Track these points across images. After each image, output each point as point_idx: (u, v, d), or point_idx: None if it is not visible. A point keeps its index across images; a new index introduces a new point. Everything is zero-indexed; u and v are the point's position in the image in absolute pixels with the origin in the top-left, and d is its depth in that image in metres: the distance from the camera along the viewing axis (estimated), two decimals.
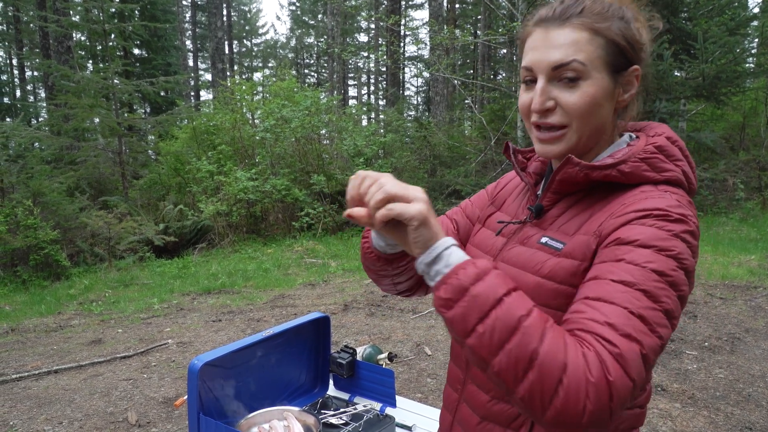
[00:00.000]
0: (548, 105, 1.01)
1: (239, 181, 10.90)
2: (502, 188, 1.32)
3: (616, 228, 0.93)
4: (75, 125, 14.04)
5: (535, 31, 1.04)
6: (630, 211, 0.93)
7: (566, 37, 0.99)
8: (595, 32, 0.99)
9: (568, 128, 1.02)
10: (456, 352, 1.25)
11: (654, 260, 0.87)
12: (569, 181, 1.04)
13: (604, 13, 1.00)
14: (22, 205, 9.02)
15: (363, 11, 28.98)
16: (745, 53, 11.04)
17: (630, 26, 1.02)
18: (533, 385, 0.78)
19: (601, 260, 0.92)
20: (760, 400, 3.79)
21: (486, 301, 0.81)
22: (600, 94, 1.00)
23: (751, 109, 13.16)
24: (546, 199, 1.10)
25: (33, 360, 5.12)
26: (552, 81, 1.01)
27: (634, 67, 1.04)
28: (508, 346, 0.79)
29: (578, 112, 1.00)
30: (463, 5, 30.29)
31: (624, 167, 0.99)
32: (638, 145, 1.04)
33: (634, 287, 0.85)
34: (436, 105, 17.16)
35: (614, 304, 0.84)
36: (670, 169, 1.01)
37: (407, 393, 4.01)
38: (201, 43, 39.34)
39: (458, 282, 0.83)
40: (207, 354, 1.58)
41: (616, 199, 0.99)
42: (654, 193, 0.96)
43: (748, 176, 11.57)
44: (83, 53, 21.46)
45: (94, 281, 8.70)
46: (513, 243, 1.13)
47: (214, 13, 21.76)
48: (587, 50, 0.99)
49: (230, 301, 6.90)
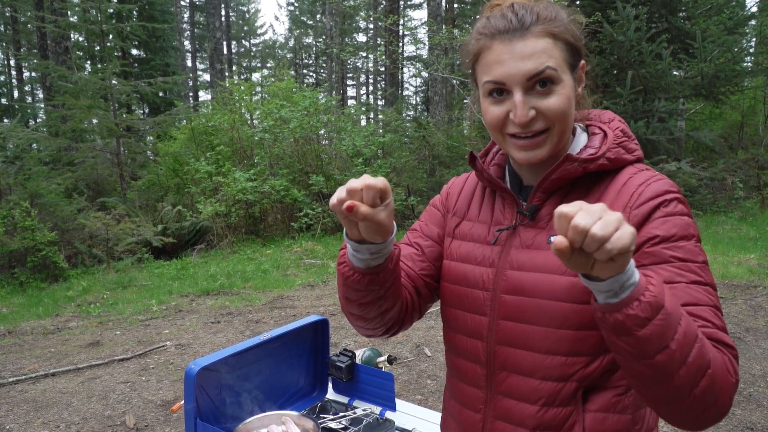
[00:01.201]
0: (531, 115, 1.03)
1: (238, 182, 10.88)
2: (457, 197, 1.30)
3: (644, 221, 1.01)
4: (73, 126, 14.02)
5: (493, 44, 1.04)
6: (645, 201, 1.02)
7: (533, 46, 1.01)
8: (555, 37, 1.03)
9: (550, 131, 1.05)
10: (467, 371, 1.20)
11: (697, 252, 1.00)
12: (564, 177, 1.08)
13: (554, 17, 1.04)
14: (20, 207, 8.99)
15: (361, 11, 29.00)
16: (743, 52, 11.06)
17: (570, 25, 1.07)
18: (704, 391, 0.86)
19: (659, 261, 0.98)
20: (761, 400, 3.77)
21: (677, 317, 0.84)
22: (571, 93, 1.05)
23: (749, 107, 13.17)
24: (536, 199, 1.12)
25: (30, 363, 5.10)
26: (528, 91, 1.02)
27: (582, 62, 1.10)
28: (690, 359, 0.85)
29: (559, 115, 1.04)
30: (462, 5, 30.29)
31: (609, 154, 1.08)
32: (608, 132, 1.13)
33: (703, 284, 0.97)
34: (435, 105, 17.15)
35: (705, 305, 0.95)
36: (635, 149, 1.13)
37: (407, 395, 3.99)
38: (199, 44, 39.30)
39: (654, 299, 0.82)
40: (204, 358, 1.57)
41: (610, 186, 1.08)
42: (640, 175, 1.07)
43: (747, 175, 11.57)
44: (81, 54, 21.45)
45: (92, 283, 8.68)
46: (514, 249, 1.13)
47: (213, 14, 21.75)
48: (555, 56, 1.02)
49: (229, 303, 6.88)
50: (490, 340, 1.14)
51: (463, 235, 1.24)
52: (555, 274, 1.05)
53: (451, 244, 1.26)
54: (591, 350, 1.04)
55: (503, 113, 1.05)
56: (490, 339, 1.14)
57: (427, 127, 13.71)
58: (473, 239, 1.21)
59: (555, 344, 1.05)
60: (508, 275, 1.12)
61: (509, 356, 1.11)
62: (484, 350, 1.15)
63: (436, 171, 12.84)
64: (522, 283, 1.09)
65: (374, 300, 1.12)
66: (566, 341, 1.04)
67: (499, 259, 1.14)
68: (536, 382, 1.09)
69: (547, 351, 1.06)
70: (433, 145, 13.08)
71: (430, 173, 12.89)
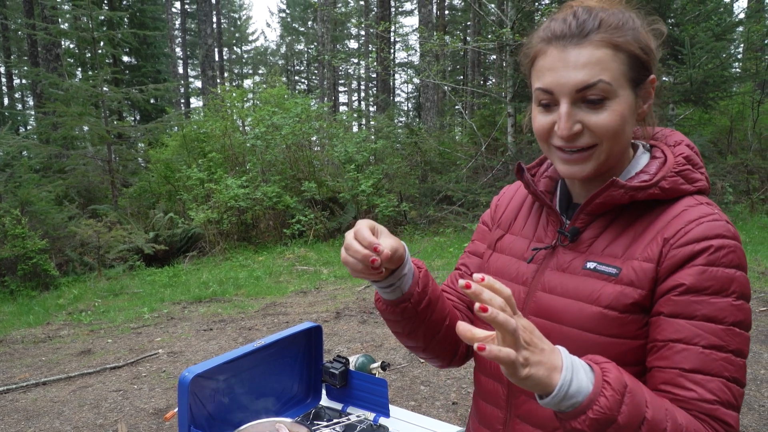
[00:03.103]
0: (576, 129, 0.96)
1: (230, 189, 10.87)
2: (504, 209, 1.26)
3: (680, 265, 0.93)
4: (64, 133, 13.98)
5: (548, 49, 0.98)
6: (689, 242, 0.93)
7: (588, 56, 0.94)
8: (616, 48, 0.95)
9: (597, 147, 0.98)
10: (489, 389, 1.17)
11: (730, 311, 0.90)
12: (610, 203, 1.01)
13: (620, 26, 0.96)
14: (10, 215, 8.94)
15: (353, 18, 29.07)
16: (731, 58, 11.16)
17: (642, 35, 0.99)
18: None
19: (682, 313, 0.91)
20: (752, 404, 3.80)
21: (633, 428, 0.81)
22: (627, 111, 0.97)
23: (738, 113, 13.28)
24: (579, 221, 1.06)
25: (21, 372, 5.06)
26: (576, 103, 0.96)
27: (652, 77, 1.02)
28: None
29: (608, 133, 0.96)
30: (453, 12, 30.46)
31: (664, 184, 0.99)
32: (668, 158, 1.03)
33: (723, 350, 0.89)
34: (427, 111, 17.20)
35: (713, 376, 0.88)
36: (699, 179, 1.01)
37: (400, 401, 3.99)
38: (191, 51, 39.31)
39: (603, 416, 0.80)
40: (197, 366, 1.56)
41: (660, 217, 0.99)
42: (695, 210, 0.96)
43: (737, 180, 11.65)
44: (72, 61, 21.37)
45: (83, 291, 8.63)
46: (549, 270, 1.08)
47: (204, 21, 21.73)
48: (611, 68, 0.94)
49: (221, 310, 6.86)
50: None
51: (503, 249, 1.19)
52: (585, 303, 0.99)
53: (491, 257, 1.22)
54: None
55: (549, 123, 1.00)
56: None
57: (419, 133, 13.74)
58: (512, 254, 1.17)
59: None
60: (538, 297, 1.07)
61: None
62: None
63: (428, 177, 12.87)
64: (551, 307, 1.04)
65: (417, 327, 1.14)
66: None
67: (533, 278, 1.09)
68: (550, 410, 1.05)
69: None
70: (425, 151, 13.11)
71: (422, 179, 12.92)
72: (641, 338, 0.96)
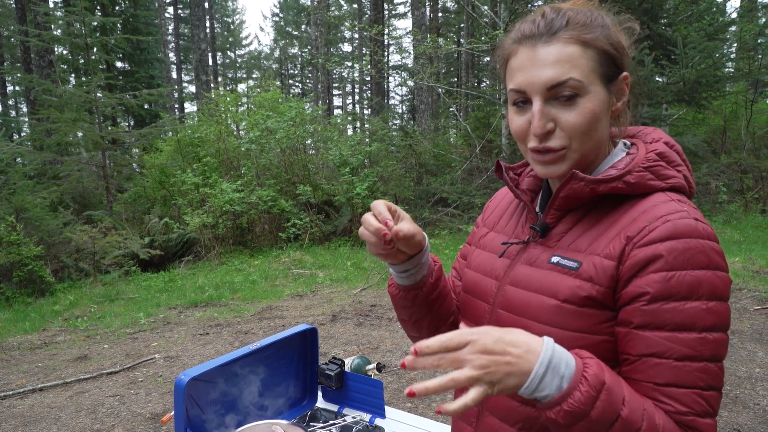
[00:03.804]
0: (549, 127, 0.97)
1: (225, 193, 10.86)
2: (493, 210, 1.28)
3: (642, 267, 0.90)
4: (58, 139, 13.94)
5: (519, 49, 0.99)
6: (653, 242, 0.90)
7: (557, 53, 0.94)
8: (585, 44, 0.95)
9: (567, 149, 0.98)
10: None
11: (701, 315, 0.87)
12: (574, 196, 1.01)
13: (588, 23, 0.97)
14: (5, 221, 8.93)
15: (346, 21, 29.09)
16: (724, 58, 11.20)
17: (612, 32, 0.99)
18: None
19: (651, 323, 0.89)
20: (747, 402, 3.81)
21: (608, 421, 0.83)
22: (599, 108, 0.97)
23: (731, 112, 13.33)
24: (550, 216, 1.07)
25: (17, 378, 5.05)
26: (549, 101, 0.96)
27: (624, 74, 1.01)
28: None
29: (579, 130, 0.96)
30: (446, 14, 30.52)
31: (629, 178, 0.97)
32: (639, 153, 1.02)
33: (697, 360, 0.87)
34: (421, 113, 17.23)
35: (688, 388, 0.88)
36: (673, 176, 1.00)
37: (396, 403, 4.00)
38: (184, 55, 39.22)
39: (576, 409, 0.82)
40: (193, 369, 1.57)
41: (627, 213, 0.97)
42: (665, 206, 0.94)
43: (730, 179, 11.71)
44: (65, 67, 21.31)
45: (79, 297, 8.61)
46: (519, 264, 1.09)
47: (197, 25, 21.72)
48: (581, 65, 0.95)
49: (217, 314, 6.85)
50: None
51: (484, 245, 1.21)
52: (545, 296, 1.00)
53: (473, 253, 1.24)
54: None
55: (525, 123, 0.99)
56: None
57: (414, 135, 13.76)
58: (491, 249, 1.19)
59: None
60: (506, 290, 1.09)
61: None
62: None
63: (423, 179, 12.89)
64: (516, 300, 1.06)
65: (424, 316, 1.20)
66: None
67: (504, 273, 1.11)
68: (514, 404, 1.06)
69: None
70: (419, 153, 13.13)
71: (417, 181, 12.93)
72: (602, 334, 0.96)
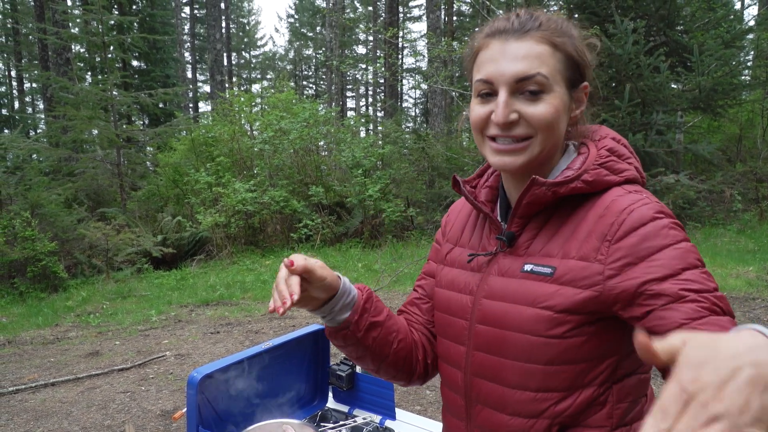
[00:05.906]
0: (512, 118, 0.98)
1: (237, 193, 10.90)
2: (452, 225, 1.27)
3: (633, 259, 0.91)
4: (73, 137, 14.07)
5: (491, 43, 1.01)
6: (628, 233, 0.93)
7: (528, 49, 0.97)
8: (555, 46, 0.99)
9: (533, 140, 1.00)
10: (451, 402, 1.17)
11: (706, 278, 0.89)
12: (536, 202, 1.02)
13: (559, 29, 1.01)
14: (20, 217, 9.01)
15: (361, 24, 29.15)
16: (740, 66, 11.10)
17: (578, 43, 1.03)
18: None
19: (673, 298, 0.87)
20: None
21: None
22: (561, 107, 1.00)
23: (747, 121, 13.22)
24: (514, 225, 1.07)
25: (30, 372, 5.10)
26: (514, 94, 0.98)
27: (585, 83, 1.05)
28: None
29: (543, 124, 0.98)
30: (461, 18, 30.48)
31: (587, 176, 1.00)
32: (590, 151, 1.05)
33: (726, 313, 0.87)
34: (434, 116, 17.22)
35: None
36: (626, 169, 1.03)
37: (406, 405, 4.00)
38: (200, 55, 39.47)
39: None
40: (206, 366, 1.58)
41: (590, 212, 0.99)
42: (623, 199, 0.97)
43: (746, 188, 11.60)
44: (82, 65, 21.53)
45: (91, 293, 8.68)
46: (492, 276, 1.08)
47: (213, 26, 21.86)
48: (550, 64, 0.98)
49: (228, 313, 6.88)
50: (468, 371, 1.10)
51: (452, 262, 1.20)
52: (523, 305, 1.00)
53: (441, 271, 1.22)
54: (563, 386, 0.98)
55: (486, 113, 1.01)
56: (467, 370, 1.10)
57: (427, 138, 13.75)
58: (460, 266, 1.17)
59: (523, 378, 1.00)
60: (482, 304, 1.07)
61: (482, 389, 1.08)
62: (462, 381, 1.12)
63: (435, 182, 12.88)
64: (494, 312, 1.04)
65: (364, 353, 1.16)
66: (535, 376, 0.99)
67: (477, 287, 1.10)
68: (506, 418, 1.04)
69: (516, 385, 1.02)
70: (432, 156, 13.12)
71: (429, 185, 12.93)
72: (583, 335, 0.96)
